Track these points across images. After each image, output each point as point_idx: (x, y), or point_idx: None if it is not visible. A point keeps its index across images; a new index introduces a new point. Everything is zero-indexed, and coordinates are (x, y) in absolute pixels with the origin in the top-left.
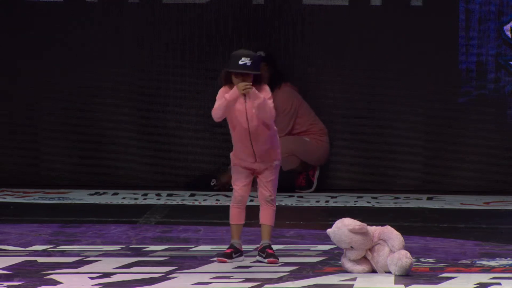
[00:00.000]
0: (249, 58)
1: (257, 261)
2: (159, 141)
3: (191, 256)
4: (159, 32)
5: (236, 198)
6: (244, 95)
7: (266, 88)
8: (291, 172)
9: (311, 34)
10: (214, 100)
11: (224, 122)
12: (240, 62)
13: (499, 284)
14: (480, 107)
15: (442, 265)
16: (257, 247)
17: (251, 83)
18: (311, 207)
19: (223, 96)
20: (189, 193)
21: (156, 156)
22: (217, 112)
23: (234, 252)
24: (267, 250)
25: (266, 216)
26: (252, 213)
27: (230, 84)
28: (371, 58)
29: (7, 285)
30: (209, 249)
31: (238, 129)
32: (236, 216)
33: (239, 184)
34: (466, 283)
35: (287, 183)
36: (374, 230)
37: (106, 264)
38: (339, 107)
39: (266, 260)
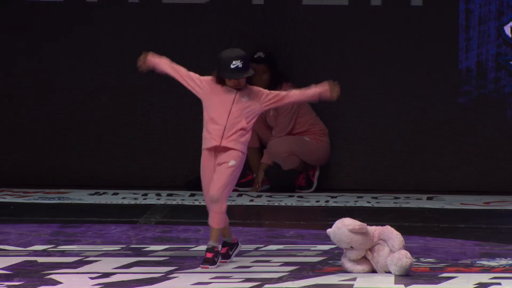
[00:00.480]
0: (239, 60)
1: (256, 261)
2: (159, 141)
3: (191, 256)
4: (159, 32)
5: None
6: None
7: (257, 90)
8: (291, 172)
9: (311, 34)
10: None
11: None
12: (232, 66)
13: (499, 284)
14: (480, 107)
15: (442, 265)
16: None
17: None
18: (311, 207)
19: (196, 78)
20: (189, 193)
21: (156, 156)
22: (166, 70)
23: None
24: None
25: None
26: (252, 213)
27: (223, 84)
28: (371, 58)
29: (7, 285)
30: None
31: (214, 116)
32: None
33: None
34: (466, 283)
35: (287, 183)
36: (374, 230)
37: (106, 264)
38: (339, 107)
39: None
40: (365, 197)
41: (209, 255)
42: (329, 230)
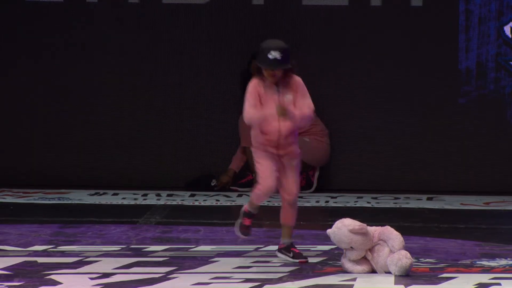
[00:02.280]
0: (278, 52)
1: (256, 261)
2: (159, 141)
3: (191, 257)
4: (159, 32)
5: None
6: (276, 84)
7: (297, 81)
8: None
9: (311, 34)
10: (214, 100)
11: (225, 123)
12: (270, 56)
13: (499, 284)
14: (480, 108)
15: (442, 265)
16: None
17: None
18: (311, 208)
19: (256, 95)
20: (189, 193)
21: (156, 156)
22: (252, 121)
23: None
24: (292, 249)
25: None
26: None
27: (261, 75)
28: (371, 58)
29: (7, 286)
30: (209, 249)
31: (266, 124)
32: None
33: (267, 172)
34: (466, 283)
35: None
36: (374, 230)
37: (106, 265)
38: (339, 107)
39: (297, 261)
40: (365, 198)
41: (297, 250)
42: (329, 231)
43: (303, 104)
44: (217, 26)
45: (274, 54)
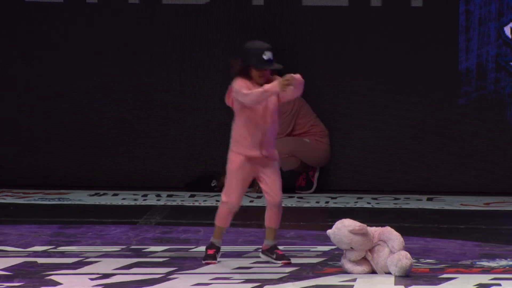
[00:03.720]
0: (271, 52)
1: (256, 262)
2: (159, 141)
3: (191, 257)
4: (159, 32)
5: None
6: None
7: (276, 78)
8: (291, 172)
9: (311, 34)
10: (214, 101)
11: (225, 123)
12: (265, 57)
13: (499, 285)
14: (480, 108)
15: (442, 266)
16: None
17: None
18: (311, 208)
19: (248, 86)
20: (189, 194)
21: (156, 156)
22: (254, 100)
23: (217, 252)
24: (276, 251)
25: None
26: (252, 214)
27: (247, 77)
28: (371, 58)
29: (7, 286)
30: None
31: (252, 116)
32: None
33: (234, 194)
34: (466, 284)
35: (287, 183)
36: (374, 230)
37: (106, 265)
38: (339, 107)
39: (280, 262)
40: (365, 198)
41: (280, 251)
42: (329, 231)
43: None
44: (217, 26)
45: (268, 55)
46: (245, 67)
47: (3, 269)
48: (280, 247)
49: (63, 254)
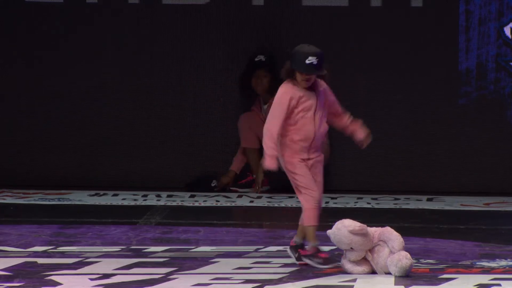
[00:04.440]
0: (316, 57)
1: (256, 262)
2: (159, 141)
3: (191, 257)
4: (159, 32)
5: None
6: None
7: (324, 85)
8: None
9: (311, 34)
10: (214, 101)
11: (225, 123)
12: (307, 62)
13: (499, 285)
14: (480, 108)
15: (442, 266)
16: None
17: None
18: None
19: (285, 107)
20: (189, 194)
21: (156, 156)
22: (267, 134)
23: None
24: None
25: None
26: (252, 214)
27: (293, 80)
28: (371, 59)
29: (7, 286)
30: (209, 250)
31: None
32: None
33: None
34: (466, 284)
35: (287, 183)
36: (374, 231)
37: (106, 265)
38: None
39: (297, 263)
40: (365, 198)
41: (303, 252)
42: (329, 231)
43: (341, 113)
44: (217, 26)
45: (311, 59)
46: (291, 70)
47: (3, 269)
48: (280, 247)
49: (63, 254)
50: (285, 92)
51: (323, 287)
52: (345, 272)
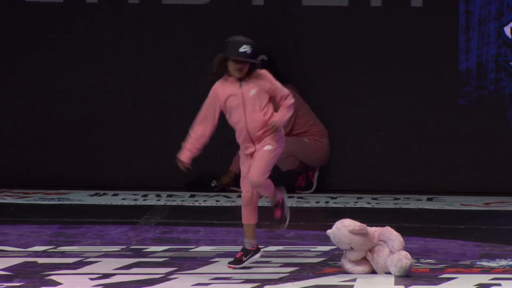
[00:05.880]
0: (249, 46)
1: (256, 262)
2: (159, 141)
3: (191, 257)
4: (159, 32)
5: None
6: (240, 79)
7: (265, 74)
8: (291, 173)
9: (311, 34)
10: None
11: (225, 123)
12: (241, 50)
13: (499, 285)
14: (480, 108)
15: (442, 266)
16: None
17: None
18: (311, 208)
19: (210, 107)
20: (189, 194)
21: (156, 156)
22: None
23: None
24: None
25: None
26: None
27: (225, 72)
28: (371, 59)
29: (7, 286)
30: (209, 250)
31: (234, 115)
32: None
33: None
34: (466, 284)
35: (287, 184)
36: (374, 231)
37: (106, 265)
38: (338, 107)
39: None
40: (365, 198)
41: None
42: (329, 231)
43: (280, 99)
44: (217, 26)
45: (245, 48)
46: (222, 59)
47: (3, 269)
48: (280, 247)
49: (63, 254)
50: (212, 96)
51: (323, 287)
52: (345, 272)
